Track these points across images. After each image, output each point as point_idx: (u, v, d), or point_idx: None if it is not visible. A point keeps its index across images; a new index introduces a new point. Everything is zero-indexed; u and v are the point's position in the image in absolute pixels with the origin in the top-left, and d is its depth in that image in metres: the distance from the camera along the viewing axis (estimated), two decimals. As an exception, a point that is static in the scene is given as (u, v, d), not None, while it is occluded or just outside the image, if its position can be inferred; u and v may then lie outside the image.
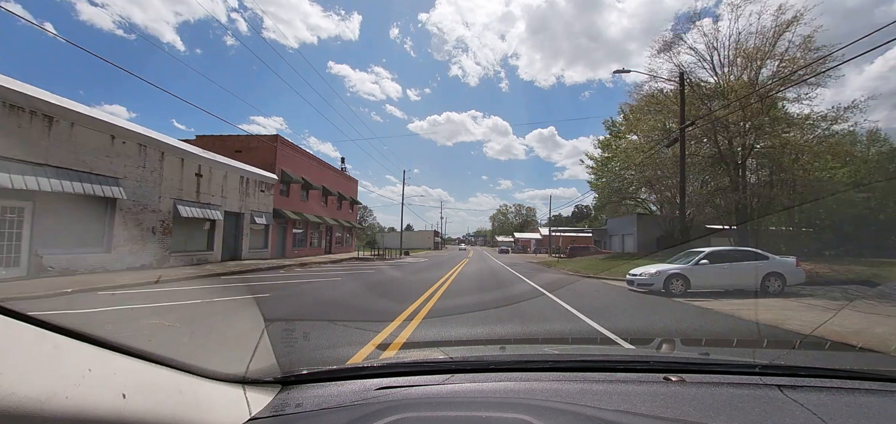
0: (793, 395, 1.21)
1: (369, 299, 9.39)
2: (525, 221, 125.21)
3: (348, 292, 10.33)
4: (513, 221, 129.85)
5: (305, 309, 7.69)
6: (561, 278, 16.69)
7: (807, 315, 7.92)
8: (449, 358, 1.61)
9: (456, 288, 11.71)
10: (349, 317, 6.82)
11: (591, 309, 8.12)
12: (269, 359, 1.55)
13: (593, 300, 9.83)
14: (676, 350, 2.20)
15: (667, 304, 9.35)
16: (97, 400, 0.73)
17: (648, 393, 1.24)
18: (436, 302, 8.55)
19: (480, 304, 8.63)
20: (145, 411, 0.81)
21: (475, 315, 7.01)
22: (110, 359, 0.82)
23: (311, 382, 1.37)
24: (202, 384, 1.03)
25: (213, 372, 1.10)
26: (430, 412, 1.13)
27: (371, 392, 1.29)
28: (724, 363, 1.54)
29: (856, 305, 9.44)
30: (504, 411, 1.09)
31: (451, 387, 1.33)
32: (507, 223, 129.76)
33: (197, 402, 0.96)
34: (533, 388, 1.31)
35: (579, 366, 1.50)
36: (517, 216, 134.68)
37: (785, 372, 1.39)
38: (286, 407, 1.18)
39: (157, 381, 0.90)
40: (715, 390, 1.26)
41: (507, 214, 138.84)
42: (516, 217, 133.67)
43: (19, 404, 0.62)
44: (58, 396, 0.67)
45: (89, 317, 6.53)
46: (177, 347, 4.83)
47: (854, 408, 1.14)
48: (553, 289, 11.89)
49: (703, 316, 7.75)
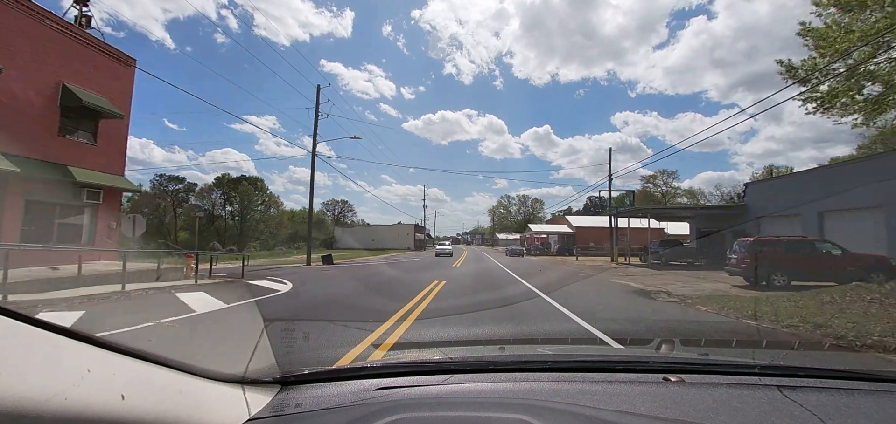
0: (792, 396, 1.21)
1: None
2: (531, 215, 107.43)
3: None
4: (515, 216, 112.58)
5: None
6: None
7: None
8: (448, 359, 1.61)
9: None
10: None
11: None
12: (268, 359, 1.55)
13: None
14: (676, 350, 2.21)
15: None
16: (96, 401, 0.73)
17: (647, 394, 1.24)
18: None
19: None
20: (144, 411, 0.81)
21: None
22: (110, 360, 0.82)
23: (311, 382, 1.38)
24: (201, 384, 1.03)
25: (212, 372, 1.10)
26: (429, 412, 1.13)
27: (370, 392, 1.30)
28: (723, 363, 1.54)
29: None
30: (503, 411, 1.09)
31: (451, 387, 1.33)
32: (509, 217, 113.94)
33: (196, 402, 0.96)
34: (532, 388, 1.31)
35: (578, 367, 1.51)
36: (521, 209, 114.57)
37: (784, 373, 1.39)
38: (286, 407, 1.18)
39: (157, 381, 0.90)
40: (714, 390, 1.26)
41: (509, 207, 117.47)
42: (520, 211, 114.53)
43: (18, 404, 0.62)
44: (57, 396, 0.67)
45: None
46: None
47: (853, 409, 1.14)
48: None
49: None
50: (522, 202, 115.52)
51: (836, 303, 8.20)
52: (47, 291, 9.00)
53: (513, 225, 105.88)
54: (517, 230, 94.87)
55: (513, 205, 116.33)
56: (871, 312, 7.30)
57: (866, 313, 7.23)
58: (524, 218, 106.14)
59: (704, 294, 10.79)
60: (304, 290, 11.50)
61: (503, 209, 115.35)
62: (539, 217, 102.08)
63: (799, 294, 9.45)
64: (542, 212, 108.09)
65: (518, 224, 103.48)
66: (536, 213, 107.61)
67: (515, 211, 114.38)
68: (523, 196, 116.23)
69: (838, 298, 8.54)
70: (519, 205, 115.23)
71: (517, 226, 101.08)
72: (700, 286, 12.94)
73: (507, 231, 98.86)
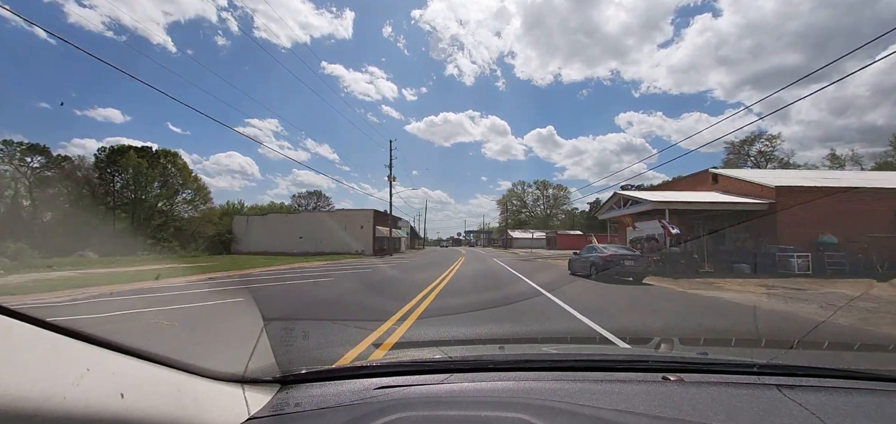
0: (791, 395, 1.21)
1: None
2: (553, 206, 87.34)
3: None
4: (537, 209, 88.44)
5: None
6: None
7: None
8: (448, 358, 1.62)
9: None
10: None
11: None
12: (267, 359, 1.55)
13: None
14: (675, 349, 2.21)
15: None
16: (95, 400, 0.73)
17: (647, 393, 1.24)
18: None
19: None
20: (143, 410, 0.81)
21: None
22: (109, 359, 0.82)
23: (311, 381, 1.38)
24: (201, 383, 1.03)
25: (211, 372, 1.10)
26: (428, 411, 1.13)
27: (370, 391, 1.30)
28: (722, 362, 1.55)
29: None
30: (503, 410, 1.09)
31: (450, 387, 1.33)
32: (523, 210, 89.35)
33: (196, 401, 0.96)
34: (532, 388, 1.31)
35: (578, 366, 1.51)
36: (543, 198, 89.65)
37: (783, 372, 1.39)
38: (285, 407, 1.18)
39: (156, 380, 0.90)
40: (713, 389, 1.26)
41: (524, 196, 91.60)
42: (542, 201, 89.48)
43: (17, 403, 0.62)
44: (56, 396, 0.67)
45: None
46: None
47: (852, 408, 1.15)
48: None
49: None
50: (542, 190, 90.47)
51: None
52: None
53: (534, 220, 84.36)
54: (539, 226, 77.37)
55: (528, 194, 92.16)
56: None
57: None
58: (548, 210, 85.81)
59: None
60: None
61: (517, 200, 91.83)
62: (563, 208, 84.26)
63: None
64: (568, 202, 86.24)
65: (539, 220, 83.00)
66: (560, 204, 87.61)
67: (532, 202, 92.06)
68: (542, 183, 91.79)
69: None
70: (539, 195, 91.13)
71: (538, 222, 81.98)
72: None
73: (523, 227, 79.23)
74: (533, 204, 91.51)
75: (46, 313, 9.01)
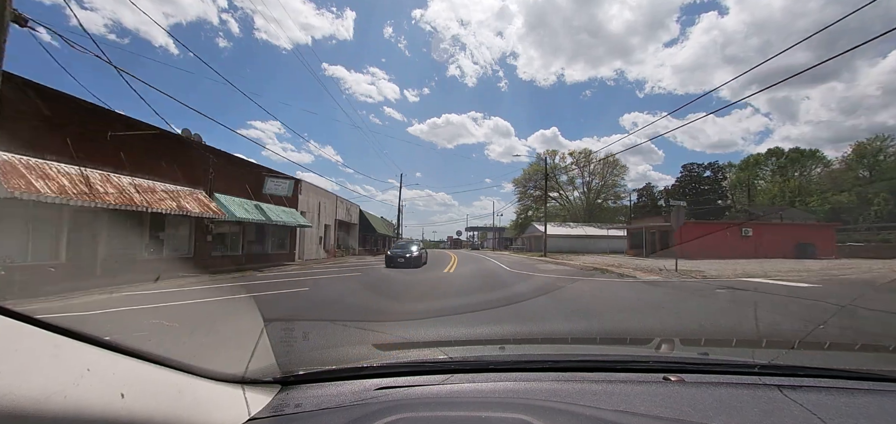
0: (792, 395, 1.21)
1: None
2: (601, 190, 57.76)
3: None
4: (575, 197, 57.89)
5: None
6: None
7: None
8: (448, 358, 1.61)
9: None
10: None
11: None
12: (268, 359, 1.55)
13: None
14: (675, 349, 2.20)
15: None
16: (96, 400, 0.73)
17: (647, 393, 1.24)
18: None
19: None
20: (144, 410, 0.81)
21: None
22: (109, 359, 0.82)
23: (311, 382, 1.37)
24: (201, 384, 1.03)
25: (211, 372, 1.10)
26: (429, 412, 1.13)
27: (370, 392, 1.29)
28: (722, 363, 1.54)
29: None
30: (503, 411, 1.09)
31: (451, 387, 1.33)
32: (553, 196, 56.29)
33: (196, 402, 0.96)
34: (532, 388, 1.31)
35: (578, 366, 1.50)
36: (586, 167, 57.59)
37: (784, 372, 1.39)
38: (285, 407, 1.18)
39: (156, 381, 0.90)
40: (714, 390, 1.26)
41: (556, 174, 56.81)
42: (582, 182, 58.55)
43: (17, 403, 0.62)
44: (56, 396, 0.67)
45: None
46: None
47: (853, 408, 1.14)
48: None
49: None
50: (583, 159, 57.15)
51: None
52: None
53: (566, 211, 55.85)
54: (577, 218, 53.59)
55: (561, 172, 58.55)
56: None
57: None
58: (599, 189, 55.99)
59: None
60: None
61: (537, 172, 56.23)
62: (615, 192, 56.01)
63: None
64: (623, 182, 56.86)
65: (577, 210, 54.92)
66: (611, 188, 57.06)
67: (566, 180, 59.61)
68: (585, 151, 58.45)
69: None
70: (582, 168, 58.02)
71: (575, 213, 54.63)
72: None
73: (556, 220, 52.05)
74: (568, 182, 60.05)
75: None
